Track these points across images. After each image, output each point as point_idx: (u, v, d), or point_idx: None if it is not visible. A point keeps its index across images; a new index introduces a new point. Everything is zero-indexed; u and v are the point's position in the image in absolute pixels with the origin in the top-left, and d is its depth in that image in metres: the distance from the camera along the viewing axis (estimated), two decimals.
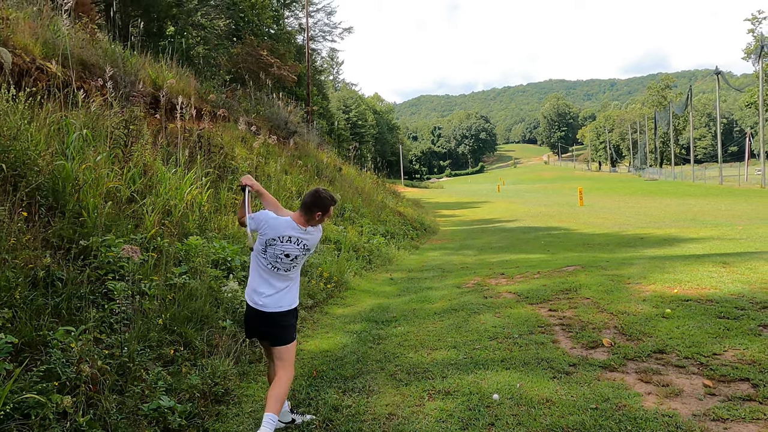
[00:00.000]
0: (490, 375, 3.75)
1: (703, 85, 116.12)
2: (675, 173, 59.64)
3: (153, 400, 2.98)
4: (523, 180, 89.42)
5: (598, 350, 4.15)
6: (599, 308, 5.29)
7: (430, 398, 3.46)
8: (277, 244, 3.04)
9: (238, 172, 9.51)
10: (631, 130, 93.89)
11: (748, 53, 41.29)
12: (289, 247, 3.05)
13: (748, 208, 21.38)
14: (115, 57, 10.12)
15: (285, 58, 23.67)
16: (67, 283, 3.66)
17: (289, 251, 3.05)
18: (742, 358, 3.66)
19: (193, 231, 6.23)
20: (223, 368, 3.75)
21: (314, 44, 38.79)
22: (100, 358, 3.02)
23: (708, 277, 6.11)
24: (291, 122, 19.33)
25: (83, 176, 5.13)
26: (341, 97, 76.91)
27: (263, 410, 3.45)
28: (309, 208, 3.07)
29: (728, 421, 2.86)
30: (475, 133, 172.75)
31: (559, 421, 2.96)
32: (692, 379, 3.44)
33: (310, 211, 3.07)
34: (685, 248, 10.21)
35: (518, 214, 25.31)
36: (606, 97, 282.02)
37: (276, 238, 3.04)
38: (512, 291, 6.57)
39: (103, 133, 6.43)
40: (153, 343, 3.64)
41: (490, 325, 5.05)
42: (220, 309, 4.70)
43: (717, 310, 4.78)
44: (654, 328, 4.48)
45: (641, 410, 3.03)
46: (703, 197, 30.40)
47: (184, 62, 14.52)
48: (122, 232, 4.95)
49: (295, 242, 3.06)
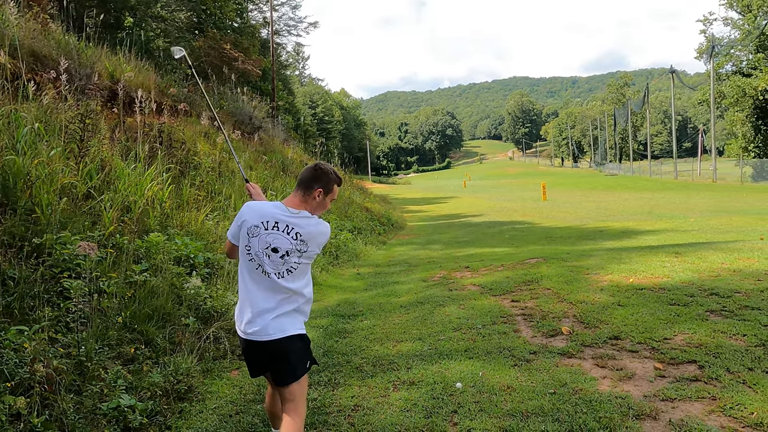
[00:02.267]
0: (454, 365, 3.82)
1: (659, 83, 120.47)
2: (633, 168, 61.84)
3: (112, 399, 2.91)
4: (489, 176, 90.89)
5: (557, 338, 4.28)
6: (559, 298, 5.45)
7: (395, 389, 3.51)
8: (261, 233, 2.29)
9: (201, 168, 9.33)
10: (591, 126, 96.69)
11: (700, 53, 42.97)
12: (275, 237, 2.28)
13: (701, 202, 22.38)
14: (69, 48, 9.74)
15: (249, 52, 23.26)
16: (19, 282, 3.53)
17: (277, 243, 2.28)
18: (691, 341, 3.86)
19: (154, 228, 6.08)
20: (186, 365, 3.69)
21: (279, 38, 38.26)
22: (55, 358, 2.93)
23: (661, 267, 6.38)
24: (256, 117, 19.04)
25: (35, 171, 4.95)
26: (307, 93, 76.22)
27: (228, 407, 3.43)
28: (307, 183, 2.36)
29: (676, 400, 3.01)
30: (442, 129, 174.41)
31: (519, 407, 3.06)
32: (644, 363, 3.60)
33: (308, 187, 2.36)
34: (641, 240, 10.62)
35: (484, 209, 25.71)
36: (568, 95, 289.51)
37: (258, 225, 2.30)
38: (476, 283, 6.69)
39: (56, 127, 6.20)
40: (112, 341, 3.55)
41: (454, 317, 5.14)
42: (182, 306, 4.62)
43: (669, 298, 5.01)
44: (610, 316, 4.66)
45: (596, 393, 3.16)
46: (659, 191, 31.63)
47: (144, 55, 14.08)
48: (78, 229, 4.80)
49: (283, 229, 2.28)
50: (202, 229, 7.08)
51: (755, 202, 20.76)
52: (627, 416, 2.85)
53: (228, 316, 4.85)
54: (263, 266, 2.30)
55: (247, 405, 3.44)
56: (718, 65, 40.68)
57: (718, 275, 5.76)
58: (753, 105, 37.35)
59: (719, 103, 41.44)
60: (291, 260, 2.28)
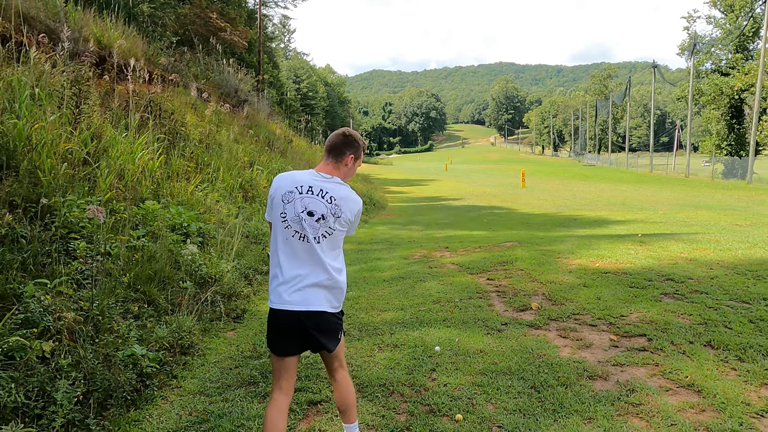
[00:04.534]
0: (433, 331, 4.22)
1: (641, 77, 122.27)
2: (611, 160, 63.15)
3: (127, 348, 3.21)
4: (470, 160, 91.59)
5: (526, 312, 4.72)
6: (531, 278, 5.90)
7: (380, 350, 3.89)
8: (295, 198, 2.28)
9: (189, 139, 9.44)
10: (573, 116, 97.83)
11: (682, 49, 43.85)
12: (311, 200, 2.27)
13: (671, 195, 23.26)
14: (56, 10, 9.63)
15: (236, 23, 22.95)
16: (31, 241, 3.76)
17: (312, 206, 2.27)
18: (643, 318, 4.33)
19: (147, 196, 6.29)
20: (187, 324, 4.00)
21: (266, 10, 37.64)
22: (73, 310, 3.20)
23: (626, 254, 6.88)
24: (241, 90, 18.95)
25: (36, 136, 5.10)
26: (292, 67, 75.16)
27: (227, 361, 3.76)
28: (339, 149, 2.36)
29: (625, 366, 3.46)
30: (426, 111, 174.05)
31: (490, 367, 3.47)
32: (601, 335, 4.05)
33: (339, 153, 2.36)
34: (611, 229, 11.18)
35: (464, 194, 26.21)
36: (552, 83, 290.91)
37: (292, 191, 2.29)
38: (455, 262, 7.10)
39: (52, 93, 6.30)
40: (120, 299, 3.83)
41: (434, 291, 5.54)
42: (180, 271, 4.89)
43: (629, 281, 5.49)
44: (576, 295, 5.12)
45: (557, 358, 3.59)
46: (634, 183, 32.60)
47: (130, 21, 13.90)
48: (78, 194, 4.99)
49: (318, 193, 2.28)
50: (192, 200, 7.28)
51: (722, 198, 21.70)
52: (582, 377, 3.29)
53: (222, 282, 5.15)
54: (299, 231, 2.27)
55: (245, 360, 3.77)
56: (698, 62, 41.64)
57: (675, 263, 6.28)
58: (728, 104, 38.54)
59: (697, 100, 42.58)
60: (327, 224, 2.27)
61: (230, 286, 5.24)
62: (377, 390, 3.22)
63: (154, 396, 3.18)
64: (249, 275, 6.00)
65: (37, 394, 2.66)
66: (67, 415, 2.64)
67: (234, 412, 2.99)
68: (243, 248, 6.63)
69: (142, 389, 3.19)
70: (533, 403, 2.98)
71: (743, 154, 36.75)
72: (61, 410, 2.61)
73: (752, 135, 31.19)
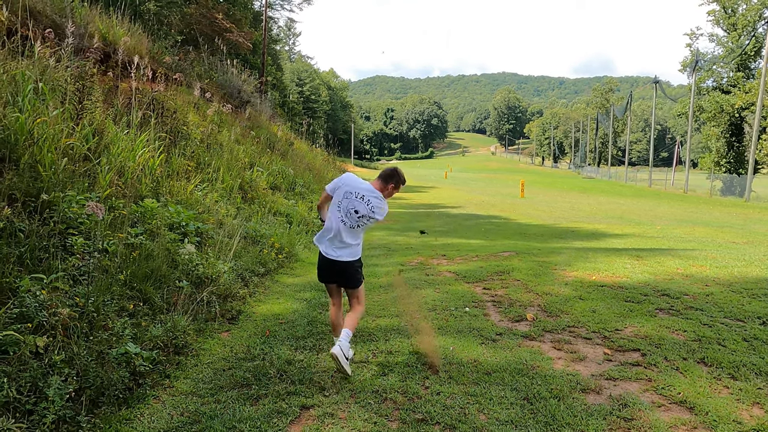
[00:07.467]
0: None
1: (643, 91, 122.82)
2: (611, 173, 63.30)
3: (121, 346, 3.21)
4: (470, 169, 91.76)
5: (522, 323, 4.72)
6: (527, 289, 5.90)
7: (373, 356, 3.89)
8: (352, 199, 3.62)
9: (190, 139, 9.46)
10: (574, 128, 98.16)
11: (684, 66, 44.11)
12: (359, 204, 3.61)
13: (669, 210, 23.32)
14: (63, 6, 9.66)
15: (241, 24, 23.05)
16: (29, 236, 3.76)
17: (359, 208, 3.61)
18: (638, 333, 4.34)
19: (147, 194, 6.29)
20: (182, 324, 3.99)
21: (272, 12, 37.85)
22: (68, 306, 3.20)
23: (622, 268, 6.89)
24: (244, 91, 19.01)
25: (38, 130, 5.10)
26: (295, 70, 75.39)
27: (221, 362, 3.76)
28: (388, 177, 3.77)
29: (618, 380, 3.47)
30: (428, 119, 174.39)
31: (483, 377, 3.47)
32: (595, 349, 4.05)
33: (387, 180, 3.75)
34: (608, 242, 11.21)
35: (462, 202, 26.23)
36: (554, 95, 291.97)
37: (352, 192, 3.64)
38: (452, 270, 7.11)
39: (56, 88, 6.30)
40: (115, 296, 3.83)
41: (430, 299, 5.54)
42: (177, 270, 4.89)
43: (625, 295, 5.50)
44: (571, 307, 5.12)
45: (551, 370, 3.60)
46: (632, 197, 32.68)
47: (135, 19, 13.95)
48: (78, 189, 4.99)
49: (366, 201, 3.61)
50: (191, 199, 7.28)
51: (720, 215, 21.76)
52: (575, 389, 3.29)
53: (219, 283, 5.15)
54: (345, 220, 3.64)
55: (239, 362, 3.77)
56: (700, 79, 41.85)
57: (671, 278, 6.29)
58: (729, 121, 38.73)
59: (697, 116, 42.78)
60: (363, 219, 3.65)
61: (226, 287, 5.23)
62: (370, 396, 3.22)
63: (147, 395, 3.17)
64: (246, 277, 5.99)
65: (29, 389, 2.65)
66: (58, 411, 2.63)
67: (226, 414, 2.99)
68: (241, 249, 6.63)
69: (134, 388, 3.19)
70: (525, 414, 2.98)
71: (742, 171, 36.89)
72: (52, 406, 2.60)
73: (751, 153, 31.33)
